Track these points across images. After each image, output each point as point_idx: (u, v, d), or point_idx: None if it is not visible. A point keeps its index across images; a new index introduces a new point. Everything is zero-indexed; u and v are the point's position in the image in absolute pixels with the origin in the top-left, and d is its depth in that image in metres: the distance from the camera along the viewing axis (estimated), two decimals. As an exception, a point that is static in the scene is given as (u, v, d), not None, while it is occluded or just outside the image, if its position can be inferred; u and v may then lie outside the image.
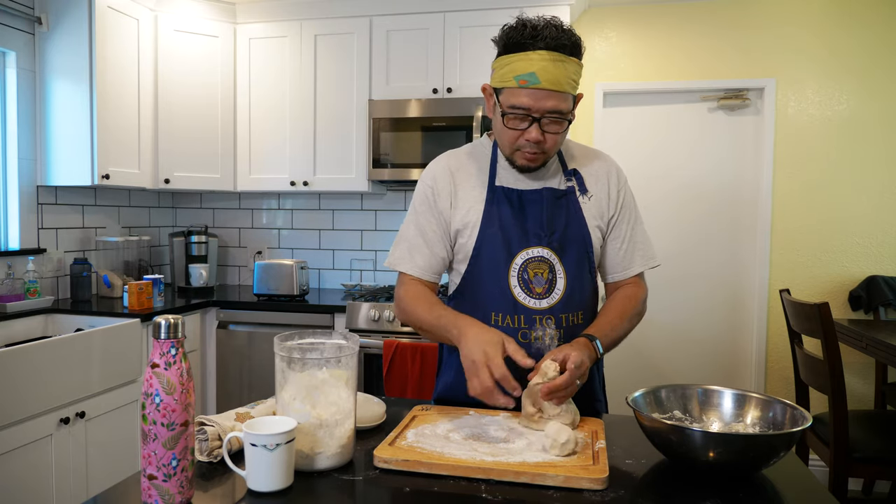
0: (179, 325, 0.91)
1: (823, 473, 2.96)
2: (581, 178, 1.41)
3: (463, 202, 1.40)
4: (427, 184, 1.43)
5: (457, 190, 1.41)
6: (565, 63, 1.23)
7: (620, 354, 3.45)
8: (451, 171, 1.43)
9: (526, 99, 1.25)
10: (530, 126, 1.27)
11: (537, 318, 1.34)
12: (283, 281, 3.21)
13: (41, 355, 2.18)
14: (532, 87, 1.23)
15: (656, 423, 1.05)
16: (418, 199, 1.44)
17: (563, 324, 1.35)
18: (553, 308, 1.35)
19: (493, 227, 1.37)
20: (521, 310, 1.35)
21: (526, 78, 1.23)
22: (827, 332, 2.31)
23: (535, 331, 1.35)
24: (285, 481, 0.96)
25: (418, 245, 1.41)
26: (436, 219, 1.41)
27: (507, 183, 1.40)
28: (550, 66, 1.22)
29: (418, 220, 1.42)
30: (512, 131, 1.30)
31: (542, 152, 1.32)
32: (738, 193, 3.34)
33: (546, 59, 1.22)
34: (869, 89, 3.15)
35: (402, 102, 3.13)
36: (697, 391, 1.21)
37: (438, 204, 1.41)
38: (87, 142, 2.86)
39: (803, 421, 1.03)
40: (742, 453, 0.99)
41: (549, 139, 1.29)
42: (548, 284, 1.35)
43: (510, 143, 1.32)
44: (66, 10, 2.86)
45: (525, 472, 0.99)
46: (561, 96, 1.25)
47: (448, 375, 1.46)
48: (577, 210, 1.39)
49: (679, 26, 3.31)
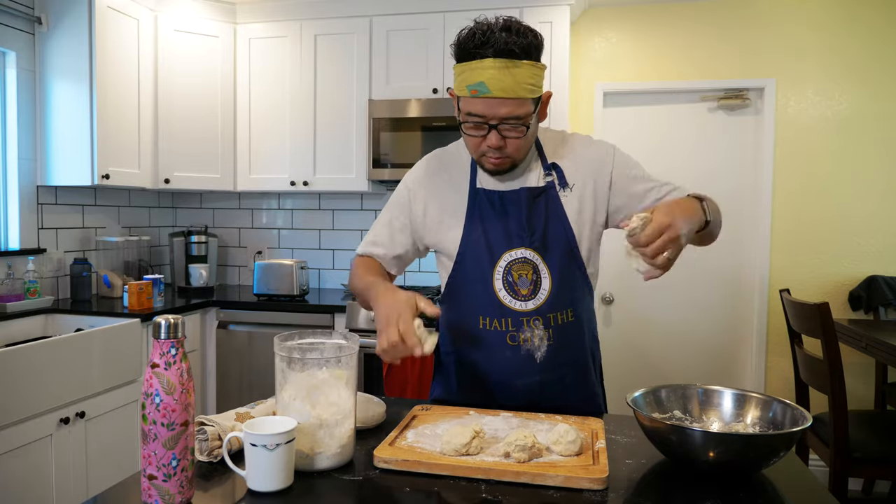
0: (179, 325, 0.91)
1: (823, 473, 2.96)
2: (561, 172, 1.38)
3: (443, 205, 1.42)
4: (407, 185, 1.47)
5: (437, 193, 1.43)
6: (517, 68, 1.20)
7: (620, 354, 3.45)
8: (432, 175, 1.45)
9: (479, 107, 1.24)
10: (489, 133, 1.26)
11: (524, 321, 1.34)
12: (283, 281, 3.21)
13: (41, 355, 2.18)
14: (483, 96, 1.22)
15: (656, 423, 1.05)
16: (394, 198, 1.48)
17: (551, 323, 1.35)
18: (539, 309, 1.34)
19: (476, 231, 1.37)
20: (507, 312, 1.34)
21: (476, 87, 1.22)
22: (827, 332, 2.31)
23: (523, 333, 1.34)
24: (285, 481, 0.96)
25: (382, 238, 1.48)
26: (404, 222, 1.46)
27: (488, 185, 1.39)
28: (499, 73, 1.19)
29: (390, 219, 1.48)
30: (473, 138, 1.30)
31: (506, 157, 1.31)
32: (738, 193, 3.34)
33: (495, 66, 1.19)
34: (869, 89, 3.15)
35: (402, 102, 3.13)
36: (697, 391, 1.21)
37: (413, 207, 1.44)
38: (87, 142, 2.86)
39: (803, 421, 1.03)
40: (742, 453, 0.99)
41: (510, 144, 1.28)
42: (532, 286, 1.34)
43: (474, 149, 1.33)
44: (65, 10, 2.86)
45: (525, 472, 0.99)
46: (515, 102, 1.22)
47: (440, 382, 1.48)
48: (557, 207, 1.36)
49: (679, 26, 3.31)
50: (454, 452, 1.04)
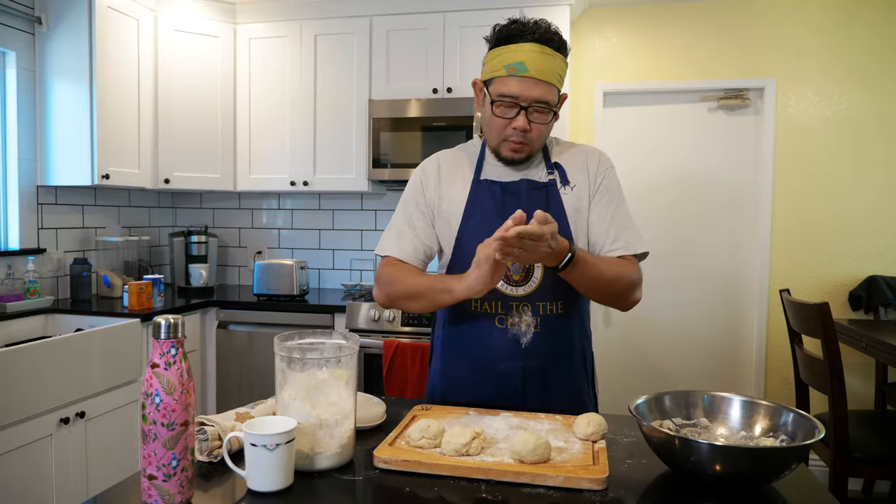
0: (179, 325, 0.91)
1: (823, 473, 2.96)
2: (563, 171, 1.44)
3: (448, 193, 1.45)
4: (417, 175, 1.49)
5: (444, 182, 1.46)
6: (552, 57, 1.31)
7: (620, 354, 3.45)
8: (440, 165, 1.49)
9: (515, 87, 1.31)
10: (517, 115, 1.33)
11: (514, 305, 1.38)
12: (283, 281, 3.21)
13: (41, 355, 2.18)
14: (520, 75, 1.30)
15: (659, 434, 1.00)
16: (408, 191, 1.49)
17: (539, 312, 1.38)
18: (530, 296, 1.37)
19: (475, 217, 1.41)
20: (498, 295, 1.38)
21: (515, 66, 1.30)
22: (827, 332, 2.31)
23: (512, 317, 1.38)
24: (285, 481, 0.96)
25: (405, 232, 1.46)
26: (423, 208, 1.46)
27: (491, 176, 1.44)
28: (538, 56, 1.29)
29: (406, 209, 1.48)
30: (500, 120, 1.35)
31: (527, 143, 1.36)
32: (738, 193, 3.34)
33: (534, 50, 1.29)
34: (869, 89, 3.15)
35: (402, 102, 3.13)
36: (703, 398, 1.16)
37: (426, 194, 1.46)
38: (87, 142, 2.86)
39: (816, 432, 0.98)
40: (752, 467, 0.94)
41: (534, 129, 1.34)
42: (525, 272, 1.38)
43: (498, 132, 1.37)
44: (66, 10, 2.86)
45: (525, 472, 0.99)
46: (547, 87, 1.31)
47: (438, 371, 1.49)
48: (557, 202, 1.40)
49: (679, 26, 3.31)
50: (454, 453, 1.04)
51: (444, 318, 1.49)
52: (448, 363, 1.46)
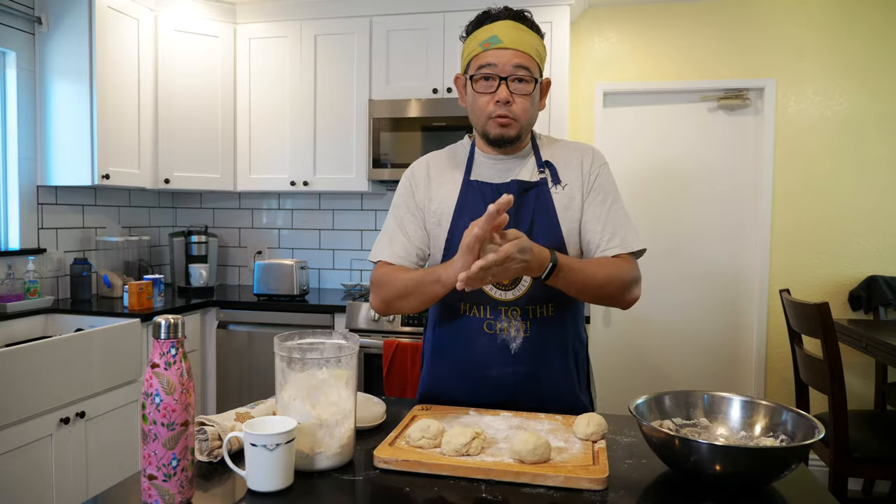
0: (179, 325, 0.91)
1: (823, 473, 2.96)
2: (554, 169, 1.41)
3: (437, 194, 1.43)
4: (407, 178, 1.48)
5: (433, 183, 1.45)
6: (527, 33, 1.34)
7: (620, 354, 3.45)
8: (430, 166, 1.48)
9: (491, 57, 1.32)
10: (498, 87, 1.33)
11: (502, 310, 1.36)
12: (283, 281, 3.21)
13: (41, 355, 2.18)
14: (495, 47, 1.32)
15: (659, 433, 1.00)
16: (398, 194, 1.48)
17: (529, 316, 1.36)
18: (518, 300, 1.35)
19: (465, 219, 1.37)
20: (486, 300, 1.36)
21: (489, 41, 1.33)
22: (827, 332, 2.31)
23: (501, 322, 1.36)
24: (285, 481, 0.96)
25: (396, 235, 1.44)
26: (413, 211, 1.44)
27: (481, 178, 1.42)
28: (512, 30, 1.32)
29: (397, 213, 1.46)
30: (482, 97, 1.35)
31: (513, 117, 1.34)
32: (738, 193, 3.34)
33: (508, 25, 1.33)
34: (869, 89, 3.15)
35: (402, 102, 3.13)
36: (703, 398, 1.15)
37: (416, 197, 1.45)
38: (87, 142, 2.86)
39: (816, 432, 0.98)
40: (752, 467, 0.94)
41: (518, 102, 1.34)
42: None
43: (482, 110, 1.36)
44: (66, 10, 2.86)
45: (525, 472, 0.99)
46: (524, 56, 1.32)
47: (428, 377, 1.48)
48: (548, 201, 1.37)
49: (679, 26, 3.31)
50: (454, 453, 1.04)
51: (434, 321, 1.47)
52: (437, 367, 1.45)
